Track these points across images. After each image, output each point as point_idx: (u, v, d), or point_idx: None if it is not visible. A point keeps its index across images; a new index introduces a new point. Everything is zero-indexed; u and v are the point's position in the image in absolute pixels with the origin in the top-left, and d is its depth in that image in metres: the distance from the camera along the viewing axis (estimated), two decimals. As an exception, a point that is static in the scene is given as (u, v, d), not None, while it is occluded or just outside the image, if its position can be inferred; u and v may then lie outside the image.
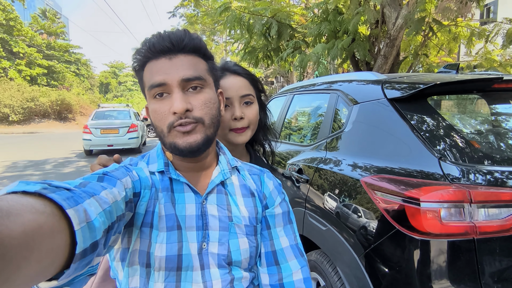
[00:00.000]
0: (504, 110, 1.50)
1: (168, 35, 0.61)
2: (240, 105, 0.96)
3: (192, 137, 0.61)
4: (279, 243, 0.73)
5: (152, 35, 0.63)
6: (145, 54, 0.62)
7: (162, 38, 0.61)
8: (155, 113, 0.62)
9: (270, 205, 0.75)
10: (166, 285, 0.61)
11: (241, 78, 0.98)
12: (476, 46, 5.54)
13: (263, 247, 0.73)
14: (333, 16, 4.53)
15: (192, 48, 0.63)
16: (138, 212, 0.62)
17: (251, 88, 1.00)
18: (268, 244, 0.73)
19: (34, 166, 6.87)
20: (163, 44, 0.61)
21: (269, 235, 0.73)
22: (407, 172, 1.08)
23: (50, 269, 0.34)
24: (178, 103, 0.59)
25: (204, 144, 0.62)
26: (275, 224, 0.74)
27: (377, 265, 1.11)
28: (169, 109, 0.60)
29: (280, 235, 0.73)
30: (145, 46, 0.62)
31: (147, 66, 0.63)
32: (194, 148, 0.61)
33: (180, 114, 0.59)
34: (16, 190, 0.36)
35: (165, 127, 0.61)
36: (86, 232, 0.39)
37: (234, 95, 0.95)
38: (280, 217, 0.75)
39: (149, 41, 0.62)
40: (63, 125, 19.97)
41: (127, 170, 0.63)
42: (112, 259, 0.65)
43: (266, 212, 0.74)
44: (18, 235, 0.29)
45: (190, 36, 0.63)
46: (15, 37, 23.51)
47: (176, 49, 0.61)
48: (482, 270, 0.93)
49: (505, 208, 0.94)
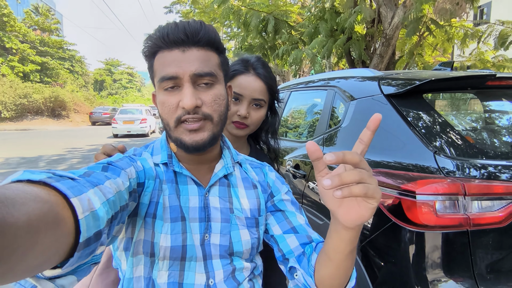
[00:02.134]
0: (497, 106, 1.53)
1: (183, 26, 0.60)
2: (248, 105, 0.98)
3: (199, 135, 0.61)
4: (296, 220, 0.72)
5: (167, 23, 0.62)
6: (158, 43, 0.60)
7: (178, 28, 0.59)
8: (163, 105, 0.61)
9: (276, 193, 0.76)
10: (170, 273, 0.62)
11: (260, 82, 0.99)
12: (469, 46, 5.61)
13: (279, 229, 0.71)
14: (329, 15, 4.55)
15: (207, 42, 0.61)
16: (142, 202, 0.62)
17: (266, 94, 1.01)
18: (285, 223, 0.72)
19: (27, 163, 6.79)
20: (177, 35, 0.59)
21: (283, 215, 0.73)
22: (403, 166, 1.10)
23: (54, 258, 0.35)
24: (188, 99, 0.58)
25: (210, 142, 0.62)
26: (287, 207, 0.74)
27: (373, 258, 1.13)
28: (178, 103, 0.60)
29: (296, 214, 0.73)
30: (159, 34, 0.60)
31: (159, 55, 0.61)
32: (200, 146, 0.61)
33: (189, 110, 0.59)
34: (21, 179, 0.37)
35: (172, 121, 0.61)
36: (90, 221, 0.39)
37: (247, 95, 0.97)
38: (289, 202, 0.75)
39: (163, 30, 0.60)
40: (56, 122, 19.73)
41: (131, 160, 0.63)
42: (115, 249, 0.66)
43: (274, 200, 0.75)
44: (23, 224, 0.29)
45: (206, 29, 0.61)
46: (8, 33, 23.15)
47: (191, 42, 0.60)
48: (476, 261, 0.95)
49: (498, 200, 0.97)
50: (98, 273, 0.85)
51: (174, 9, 12.01)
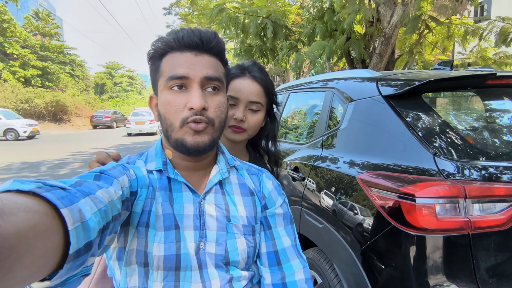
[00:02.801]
0: (497, 106, 1.51)
1: (199, 31, 0.62)
2: (245, 108, 0.96)
3: (201, 137, 0.61)
4: (281, 242, 0.73)
5: (182, 28, 0.63)
6: (170, 44, 0.62)
7: (193, 33, 0.61)
8: (169, 104, 0.61)
9: (270, 206, 0.74)
10: (165, 285, 0.61)
11: (256, 84, 0.98)
12: (470, 44, 5.58)
13: (265, 247, 0.72)
14: (328, 15, 4.54)
15: (217, 51, 0.64)
16: (134, 211, 0.61)
17: (263, 97, 1.00)
18: (270, 244, 0.73)
19: (29, 168, 6.80)
20: (193, 39, 0.61)
21: (271, 234, 0.73)
22: (402, 169, 1.08)
23: (43, 270, 0.34)
24: (197, 100, 0.59)
25: (209, 146, 0.63)
26: (276, 224, 0.74)
27: (373, 262, 1.11)
28: (185, 104, 0.60)
29: (282, 235, 0.73)
30: (172, 36, 0.62)
31: (168, 56, 0.62)
32: (201, 149, 0.62)
33: (197, 111, 0.60)
34: (10, 189, 0.36)
35: (177, 121, 0.61)
36: (80, 232, 0.38)
37: (242, 98, 0.96)
38: (281, 218, 0.74)
39: (177, 33, 0.62)
40: (58, 127, 19.80)
41: (124, 168, 0.62)
42: (108, 258, 0.65)
43: (267, 212, 0.74)
44: (11, 235, 0.28)
45: (218, 39, 0.64)
46: (9, 39, 23.27)
47: (204, 48, 0.62)
48: (477, 265, 0.93)
49: (500, 203, 0.95)
50: (94, 283, 0.84)
51: (173, 11, 12.05)
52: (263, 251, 0.72)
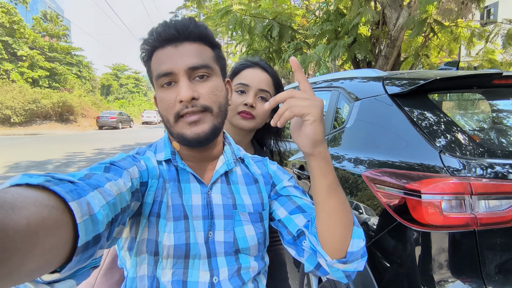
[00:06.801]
0: (503, 105, 1.51)
1: (173, 23, 0.61)
2: (255, 96, 0.99)
3: (200, 128, 0.61)
4: (301, 200, 0.71)
5: (159, 24, 0.63)
6: (152, 43, 0.62)
7: (168, 26, 0.61)
8: (162, 102, 0.62)
9: (277, 182, 0.75)
10: (174, 271, 0.62)
11: (266, 74, 1.02)
12: (476, 47, 5.55)
13: (285, 210, 0.70)
14: (334, 17, 4.56)
15: (198, 36, 0.62)
16: (145, 201, 0.62)
17: (272, 87, 1.03)
18: (289, 204, 0.71)
19: (36, 166, 6.89)
20: (168, 32, 0.60)
21: (288, 197, 0.72)
22: (408, 166, 1.09)
23: (53, 262, 0.35)
24: (184, 91, 0.58)
25: (212, 134, 0.62)
26: (290, 191, 0.73)
27: (378, 259, 1.12)
28: (175, 98, 0.60)
29: (300, 196, 0.72)
30: (151, 35, 0.62)
31: (154, 55, 0.63)
32: (202, 139, 0.61)
33: (187, 102, 0.59)
34: (19, 183, 0.36)
35: (171, 117, 0.61)
36: (89, 225, 0.39)
37: (253, 85, 0.98)
38: (292, 188, 0.74)
39: (155, 30, 0.62)
40: (64, 127, 20.01)
41: (134, 160, 0.64)
42: (120, 249, 0.66)
43: (277, 188, 0.74)
44: (22, 228, 0.29)
45: (195, 23, 0.62)
46: (18, 40, 23.63)
47: (182, 37, 0.61)
48: (483, 261, 0.93)
49: (506, 200, 0.95)
50: (102, 273, 0.85)
51: (180, 14, 12.15)
52: (284, 215, 0.69)
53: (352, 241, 0.59)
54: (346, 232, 0.59)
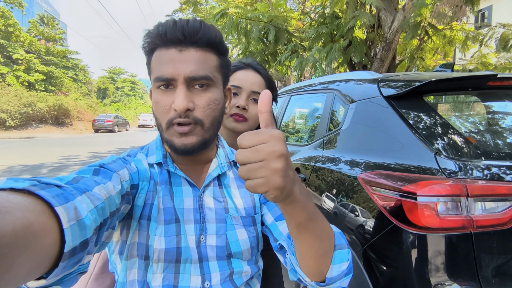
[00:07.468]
0: (498, 107, 1.51)
1: (182, 25, 0.58)
2: (247, 98, 0.98)
3: (189, 139, 0.59)
4: None
5: (167, 21, 0.59)
6: (155, 40, 0.59)
7: (176, 27, 0.57)
8: (157, 104, 0.60)
9: None
10: (165, 276, 0.61)
11: (259, 76, 1.01)
12: (470, 50, 5.61)
13: (271, 216, 0.69)
14: (329, 20, 4.58)
15: (206, 42, 0.59)
16: (136, 204, 0.61)
17: (265, 89, 1.03)
18: (275, 209, 0.69)
19: (30, 170, 6.81)
20: (175, 34, 0.57)
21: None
22: (404, 168, 1.08)
23: (39, 268, 0.34)
24: (180, 101, 0.57)
25: (199, 147, 0.61)
26: None
27: (374, 261, 1.11)
28: (170, 104, 0.58)
29: None
30: (156, 31, 0.59)
31: (156, 52, 0.60)
32: (189, 150, 0.60)
33: (180, 112, 0.57)
34: (3, 187, 0.35)
35: (164, 123, 0.60)
36: (76, 230, 0.37)
37: (246, 87, 0.98)
38: None
39: (161, 27, 0.58)
40: (60, 130, 19.86)
41: (125, 162, 0.62)
42: (111, 253, 0.64)
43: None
44: (8, 234, 0.28)
45: (205, 29, 0.59)
46: (14, 43, 23.51)
47: (188, 42, 0.58)
48: (480, 264, 0.93)
49: (502, 202, 0.95)
50: (93, 278, 0.83)
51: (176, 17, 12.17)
52: (270, 221, 0.68)
53: (331, 267, 0.55)
54: (323, 261, 0.54)
